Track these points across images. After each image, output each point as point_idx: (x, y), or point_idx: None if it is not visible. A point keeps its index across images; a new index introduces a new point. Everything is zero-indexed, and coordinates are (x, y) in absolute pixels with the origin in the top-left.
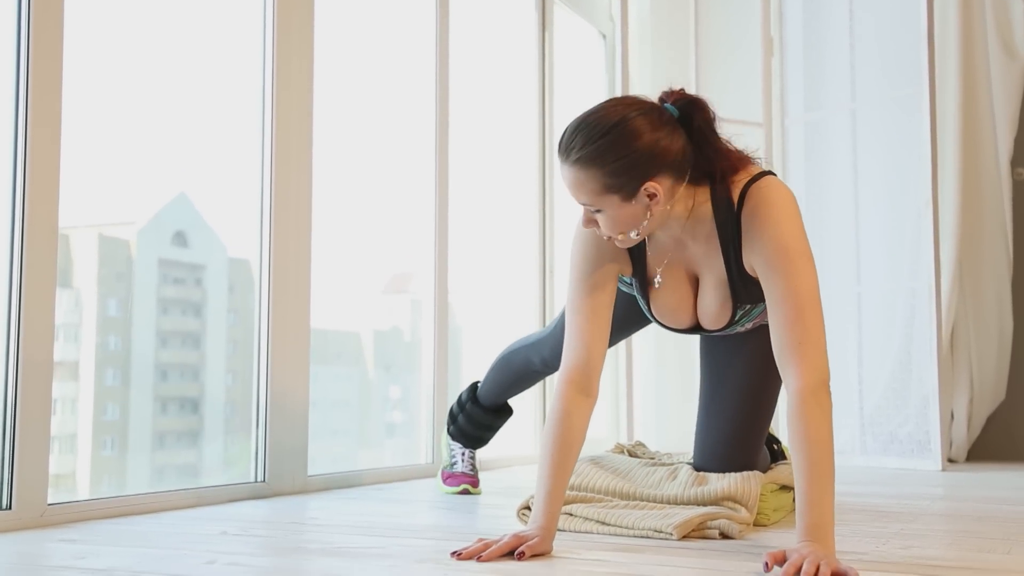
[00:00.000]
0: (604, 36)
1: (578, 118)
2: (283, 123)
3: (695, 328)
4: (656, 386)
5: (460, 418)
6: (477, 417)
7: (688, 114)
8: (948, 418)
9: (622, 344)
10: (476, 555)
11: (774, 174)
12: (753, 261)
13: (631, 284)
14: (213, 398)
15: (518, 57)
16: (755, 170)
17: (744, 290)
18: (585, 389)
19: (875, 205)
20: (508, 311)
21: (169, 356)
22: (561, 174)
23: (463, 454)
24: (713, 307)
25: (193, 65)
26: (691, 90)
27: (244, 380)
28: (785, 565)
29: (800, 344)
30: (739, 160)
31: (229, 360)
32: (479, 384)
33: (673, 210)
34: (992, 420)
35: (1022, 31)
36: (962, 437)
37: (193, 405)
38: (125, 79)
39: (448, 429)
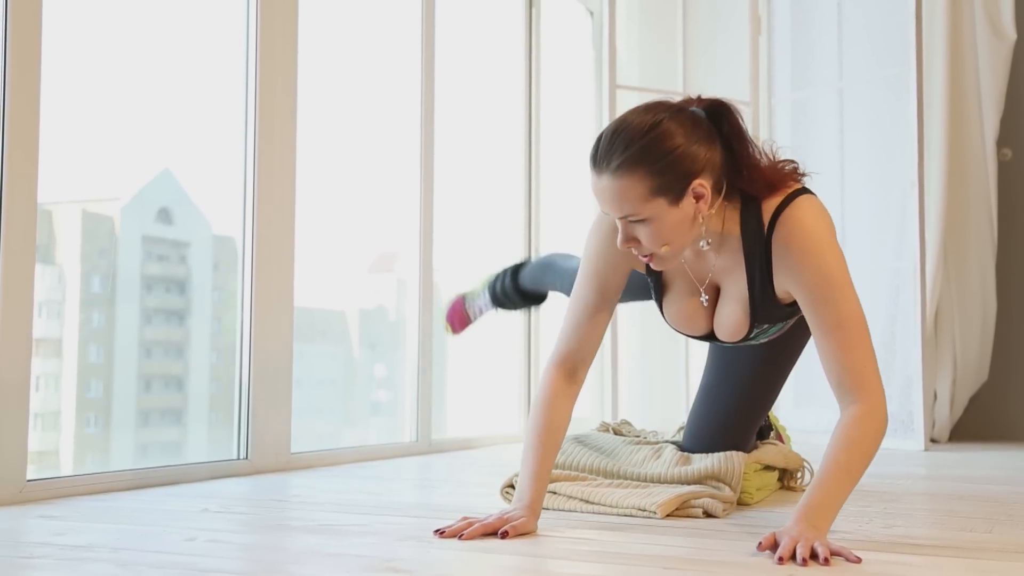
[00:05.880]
0: (592, 13)
1: (609, 128)
2: (267, 99)
3: (709, 336)
4: (641, 364)
5: (498, 287)
6: (510, 294)
7: (716, 120)
8: (931, 398)
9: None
10: (459, 533)
11: (809, 191)
12: (791, 288)
13: (649, 283)
14: (197, 376)
15: (505, 34)
16: (789, 189)
17: (764, 311)
18: (573, 377)
19: (861, 185)
20: None
21: (153, 333)
22: (597, 191)
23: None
24: (730, 322)
25: (177, 41)
26: (678, 69)
27: (228, 358)
28: (779, 549)
29: (860, 373)
30: (774, 175)
31: (213, 338)
32: (522, 266)
33: (707, 226)
34: (975, 400)
35: (1010, 11)
36: (945, 417)
37: (177, 383)
38: (109, 54)
39: (492, 286)
